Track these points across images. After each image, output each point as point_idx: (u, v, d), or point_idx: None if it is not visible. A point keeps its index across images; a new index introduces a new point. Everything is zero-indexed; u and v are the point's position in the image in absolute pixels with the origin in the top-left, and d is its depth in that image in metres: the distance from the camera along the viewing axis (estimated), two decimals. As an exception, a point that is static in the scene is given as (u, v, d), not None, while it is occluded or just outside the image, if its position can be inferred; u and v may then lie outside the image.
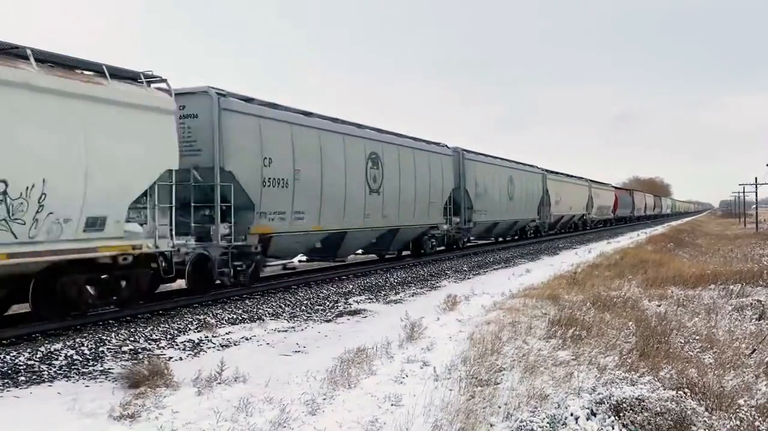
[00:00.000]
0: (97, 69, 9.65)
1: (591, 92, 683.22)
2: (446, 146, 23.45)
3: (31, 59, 8.58)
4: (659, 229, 54.21)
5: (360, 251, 19.52)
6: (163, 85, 10.78)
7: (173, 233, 10.83)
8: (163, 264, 10.80)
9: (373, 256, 20.99)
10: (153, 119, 10.22)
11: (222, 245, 12.28)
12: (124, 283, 10.26)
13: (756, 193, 67.61)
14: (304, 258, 17.25)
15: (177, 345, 8.88)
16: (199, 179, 12.16)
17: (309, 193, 14.49)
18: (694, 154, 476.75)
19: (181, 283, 12.27)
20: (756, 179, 64.54)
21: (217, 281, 12.52)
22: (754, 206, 72.12)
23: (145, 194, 10.30)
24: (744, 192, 75.58)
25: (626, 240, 35.52)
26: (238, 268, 12.72)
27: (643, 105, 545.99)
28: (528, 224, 33.93)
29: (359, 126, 17.62)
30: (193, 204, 11.94)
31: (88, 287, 9.74)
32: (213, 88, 12.45)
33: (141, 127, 9.96)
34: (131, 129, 9.78)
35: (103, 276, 9.91)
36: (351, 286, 14.80)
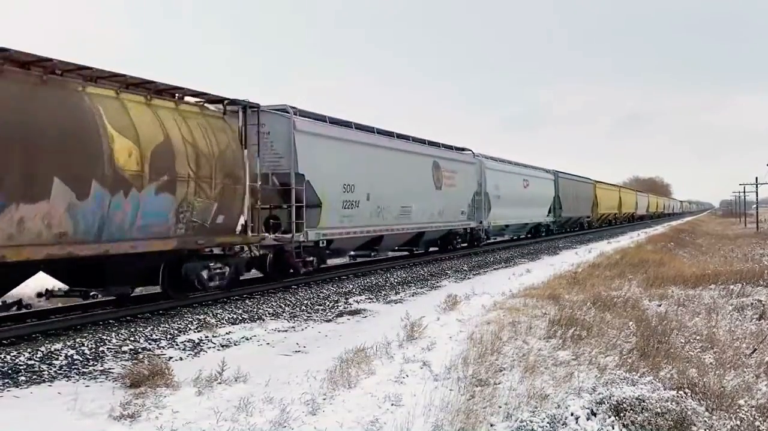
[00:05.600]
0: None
1: (597, 93, 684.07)
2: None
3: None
4: (659, 229, 54.22)
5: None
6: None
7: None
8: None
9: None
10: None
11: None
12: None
13: (756, 193, 67.81)
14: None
15: (177, 344, 8.88)
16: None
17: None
18: (696, 153, 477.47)
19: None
20: (756, 178, 64.70)
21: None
22: (755, 205, 72.08)
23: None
24: (744, 192, 75.75)
25: (626, 240, 35.52)
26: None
27: (647, 106, 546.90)
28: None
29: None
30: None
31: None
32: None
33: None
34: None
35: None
36: (351, 286, 14.81)
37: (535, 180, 33.99)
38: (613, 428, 5.27)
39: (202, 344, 8.95)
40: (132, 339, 9.01)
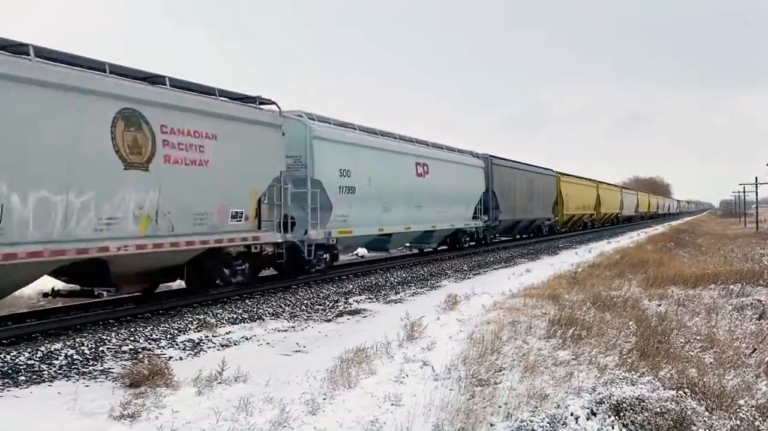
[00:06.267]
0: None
1: (597, 93, 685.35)
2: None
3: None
4: (659, 229, 54.24)
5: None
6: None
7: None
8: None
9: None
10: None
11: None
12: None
13: (756, 193, 67.79)
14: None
15: (177, 344, 8.88)
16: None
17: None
18: (696, 153, 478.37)
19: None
20: (756, 178, 64.67)
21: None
22: (755, 205, 72.08)
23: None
24: (744, 192, 75.77)
25: (626, 240, 35.52)
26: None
27: (647, 106, 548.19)
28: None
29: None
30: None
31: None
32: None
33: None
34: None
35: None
36: (351, 286, 14.80)
37: (444, 166, 22.14)
38: (612, 428, 5.27)
39: (202, 344, 8.95)
40: (132, 338, 9.01)
